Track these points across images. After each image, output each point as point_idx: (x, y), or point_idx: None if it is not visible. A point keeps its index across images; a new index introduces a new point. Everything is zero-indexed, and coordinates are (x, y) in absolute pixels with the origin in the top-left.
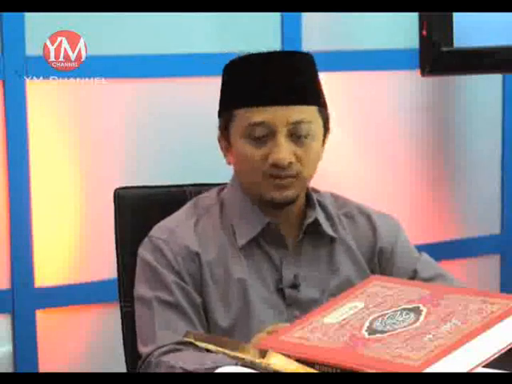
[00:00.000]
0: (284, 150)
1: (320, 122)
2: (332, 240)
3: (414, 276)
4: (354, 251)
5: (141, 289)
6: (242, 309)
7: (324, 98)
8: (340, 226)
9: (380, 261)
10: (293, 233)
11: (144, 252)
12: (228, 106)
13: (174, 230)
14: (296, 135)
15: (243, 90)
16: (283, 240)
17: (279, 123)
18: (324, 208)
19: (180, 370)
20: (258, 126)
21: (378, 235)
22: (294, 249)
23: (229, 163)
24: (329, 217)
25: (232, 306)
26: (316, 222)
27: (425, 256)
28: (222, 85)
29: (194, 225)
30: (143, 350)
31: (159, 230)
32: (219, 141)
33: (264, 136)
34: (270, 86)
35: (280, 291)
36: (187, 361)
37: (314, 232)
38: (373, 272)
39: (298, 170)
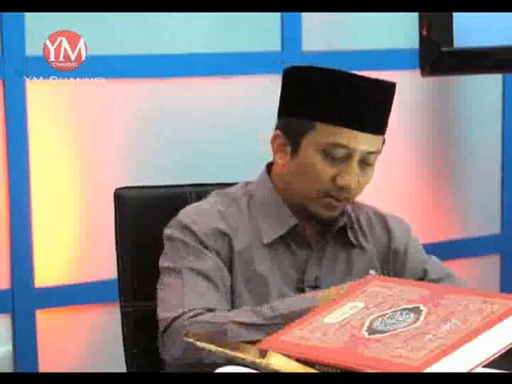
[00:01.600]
0: (355, 176)
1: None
2: (351, 244)
3: (424, 276)
4: (371, 254)
5: (168, 261)
6: (262, 302)
7: None
8: (358, 229)
9: (394, 261)
10: (316, 234)
11: (172, 231)
12: (310, 115)
13: (202, 213)
14: (365, 162)
15: (335, 106)
16: (308, 241)
17: (358, 150)
18: (345, 212)
19: (230, 326)
20: (340, 147)
21: (392, 236)
22: (318, 250)
23: (280, 164)
24: (349, 219)
25: (254, 295)
26: (344, 227)
27: (433, 257)
28: (299, 87)
29: (222, 212)
30: (166, 314)
31: (186, 213)
32: (275, 140)
33: (339, 156)
34: (363, 112)
35: (300, 290)
36: (238, 314)
37: (336, 235)
38: (387, 273)
39: (353, 194)
